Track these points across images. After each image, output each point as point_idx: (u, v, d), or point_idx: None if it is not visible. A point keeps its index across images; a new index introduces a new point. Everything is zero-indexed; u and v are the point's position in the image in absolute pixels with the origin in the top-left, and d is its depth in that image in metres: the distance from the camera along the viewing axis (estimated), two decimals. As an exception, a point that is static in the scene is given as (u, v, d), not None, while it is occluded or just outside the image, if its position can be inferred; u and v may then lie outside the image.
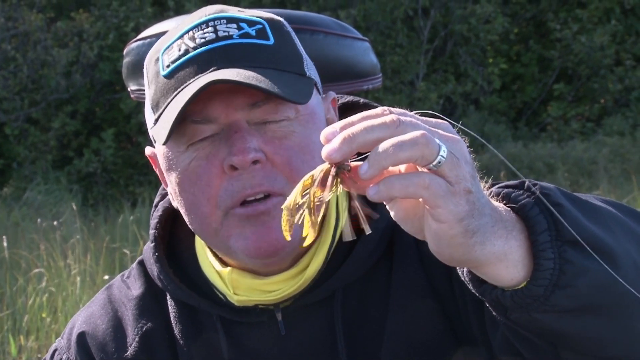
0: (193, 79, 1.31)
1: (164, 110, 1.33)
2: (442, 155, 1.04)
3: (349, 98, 1.54)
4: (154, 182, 14.70)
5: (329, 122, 1.41)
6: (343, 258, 1.42)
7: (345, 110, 1.52)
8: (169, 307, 1.50)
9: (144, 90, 1.90)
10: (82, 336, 1.54)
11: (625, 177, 12.01)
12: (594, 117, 17.51)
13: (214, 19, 1.35)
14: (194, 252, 1.51)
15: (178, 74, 1.33)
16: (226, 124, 1.33)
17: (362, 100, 1.52)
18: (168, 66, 1.34)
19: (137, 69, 1.86)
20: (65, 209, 10.48)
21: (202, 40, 1.33)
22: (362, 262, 1.41)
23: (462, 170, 1.07)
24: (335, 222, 1.41)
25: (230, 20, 1.35)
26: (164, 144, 1.31)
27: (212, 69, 1.31)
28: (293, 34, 1.40)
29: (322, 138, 1.04)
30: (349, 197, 1.08)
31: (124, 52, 1.92)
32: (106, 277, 6.96)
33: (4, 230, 9.61)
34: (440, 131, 1.08)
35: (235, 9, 1.40)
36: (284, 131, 1.33)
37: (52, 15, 16.18)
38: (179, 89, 1.32)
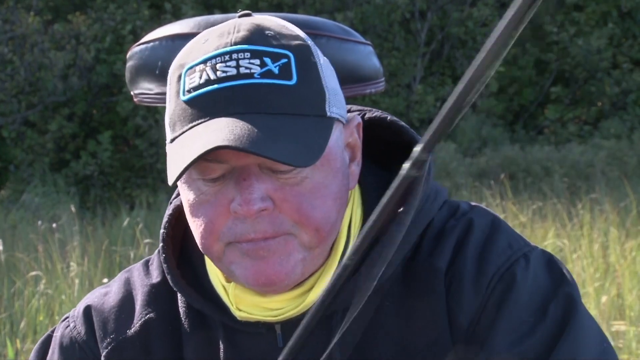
0: (208, 119, 1.30)
1: (179, 135, 1.33)
2: None
3: (377, 113, 1.51)
4: (151, 185, 14.72)
5: (350, 147, 1.39)
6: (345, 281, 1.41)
7: (371, 125, 1.49)
8: (179, 302, 1.51)
9: (147, 93, 1.90)
10: (88, 309, 1.55)
11: (622, 180, 12.03)
12: (591, 120, 17.54)
13: (238, 51, 1.31)
14: (204, 257, 1.52)
15: (197, 104, 1.31)
16: (237, 166, 1.32)
17: (388, 117, 1.49)
18: (189, 91, 1.32)
19: (140, 72, 1.86)
20: (62, 212, 10.48)
21: (223, 74, 1.30)
22: (362, 289, 1.40)
23: None
24: (345, 245, 1.40)
25: (255, 54, 1.31)
26: (170, 185, 1.31)
27: (230, 111, 1.28)
28: (320, 63, 1.35)
29: None
30: None
31: (127, 56, 1.92)
32: (104, 280, 6.96)
33: (1, 232, 9.61)
34: None
35: (267, 29, 1.35)
36: (297, 178, 1.31)
37: (49, 17, 16.19)
38: (195, 122, 1.31)
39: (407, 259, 1.41)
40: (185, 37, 1.81)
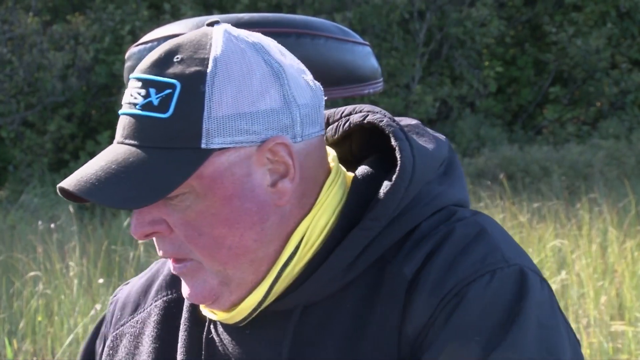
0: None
1: None
2: None
3: (377, 115, 1.43)
4: (150, 185, 14.72)
5: (279, 164, 1.34)
6: (308, 275, 1.40)
7: (374, 127, 1.45)
8: None
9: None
10: (117, 294, 1.60)
11: (621, 180, 12.04)
12: (589, 121, 17.55)
13: (136, 79, 1.34)
14: None
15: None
16: None
17: (384, 120, 1.43)
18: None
19: (138, 73, 1.87)
20: (61, 212, 10.48)
21: (125, 101, 1.36)
22: (323, 284, 1.37)
23: None
24: (290, 256, 1.36)
25: (145, 84, 1.33)
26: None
27: (117, 140, 1.34)
28: (212, 91, 1.31)
29: None
30: None
31: (125, 57, 1.93)
32: (101, 280, 6.97)
33: (-1, 233, 9.62)
34: None
35: (179, 52, 1.34)
36: (181, 206, 1.33)
37: (48, 18, 16.19)
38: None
39: (385, 262, 1.36)
40: (184, 38, 1.81)
